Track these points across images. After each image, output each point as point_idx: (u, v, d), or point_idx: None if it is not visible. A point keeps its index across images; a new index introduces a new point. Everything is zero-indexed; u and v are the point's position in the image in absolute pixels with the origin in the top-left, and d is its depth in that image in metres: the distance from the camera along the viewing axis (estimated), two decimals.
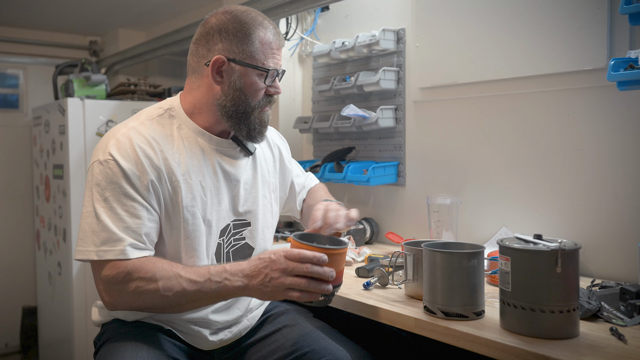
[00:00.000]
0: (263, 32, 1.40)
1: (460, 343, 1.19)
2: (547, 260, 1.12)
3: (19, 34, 3.95)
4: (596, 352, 1.06)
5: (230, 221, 1.47)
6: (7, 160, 3.96)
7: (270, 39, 1.41)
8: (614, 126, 1.63)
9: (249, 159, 1.53)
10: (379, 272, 1.57)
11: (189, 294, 1.26)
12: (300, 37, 2.67)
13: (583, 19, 1.66)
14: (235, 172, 1.48)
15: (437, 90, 2.11)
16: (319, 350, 1.38)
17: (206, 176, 1.43)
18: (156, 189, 1.35)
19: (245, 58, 1.40)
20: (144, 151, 1.35)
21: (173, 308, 1.31)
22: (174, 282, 1.26)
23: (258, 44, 1.39)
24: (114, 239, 1.29)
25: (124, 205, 1.32)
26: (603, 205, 1.65)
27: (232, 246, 1.48)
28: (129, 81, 3.38)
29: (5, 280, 3.88)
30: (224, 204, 1.45)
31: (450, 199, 1.91)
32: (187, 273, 1.27)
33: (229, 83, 1.41)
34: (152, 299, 1.27)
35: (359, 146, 2.43)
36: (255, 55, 1.40)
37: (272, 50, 1.41)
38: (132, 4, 3.41)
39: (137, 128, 1.39)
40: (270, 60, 1.41)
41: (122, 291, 1.28)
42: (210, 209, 1.42)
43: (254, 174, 1.53)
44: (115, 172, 1.32)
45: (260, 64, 1.40)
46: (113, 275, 1.28)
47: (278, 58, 1.43)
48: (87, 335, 3.01)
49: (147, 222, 1.33)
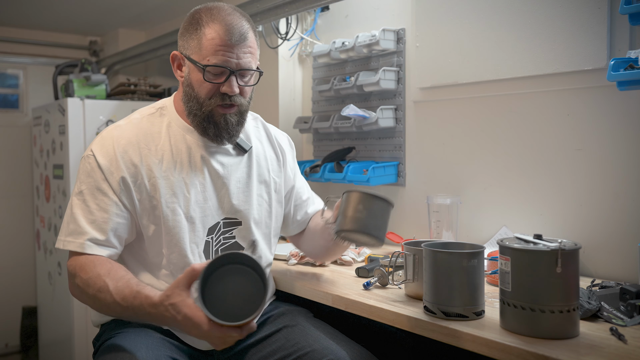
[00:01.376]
0: (213, 27, 1.37)
1: (460, 343, 1.19)
2: (547, 260, 1.12)
3: (19, 34, 3.95)
4: (596, 352, 1.06)
5: (220, 219, 1.47)
6: (7, 160, 3.96)
7: (218, 35, 1.36)
8: (614, 126, 1.63)
9: (243, 157, 1.52)
10: (379, 272, 1.57)
11: (113, 311, 1.31)
12: (300, 37, 2.67)
13: (583, 19, 1.66)
14: (225, 170, 1.47)
15: (437, 90, 2.11)
16: (319, 350, 1.38)
17: (190, 173, 1.44)
18: (127, 186, 1.39)
19: (192, 53, 1.40)
20: (123, 148, 1.40)
21: (102, 313, 1.37)
22: (102, 296, 1.29)
23: (203, 39, 1.38)
24: (78, 232, 1.37)
25: (96, 199, 1.38)
26: (603, 205, 1.65)
27: (222, 244, 1.48)
28: (129, 81, 3.38)
29: (5, 280, 3.88)
30: (211, 201, 1.46)
31: (450, 199, 1.91)
32: (115, 292, 1.27)
33: (185, 78, 1.44)
34: (87, 300, 1.34)
35: (359, 146, 2.43)
36: (198, 50, 1.38)
37: (216, 47, 1.36)
38: (132, 4, 3.41)
39: (124, 127, 1.45)
40: (214, 56, 1.36)
41: (72, 284, 1.37)
42: (193, 205, 1.43)
43: (249, 172, 1.52)
44: (93, 167, 1.40)
45: (202, 59, 1.37)
46: (69, 267, 1.37)
47: (229, 55, 1.37)
48: (87, 335, 3.01)
49: (115, 218, 1.38)
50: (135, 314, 1.26)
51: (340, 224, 1.37)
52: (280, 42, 2.65)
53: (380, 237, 1.36)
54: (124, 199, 1.39)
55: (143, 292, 1.23)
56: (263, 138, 1.62)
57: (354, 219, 1.34)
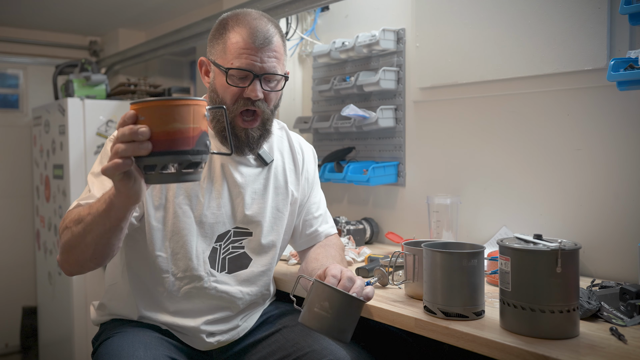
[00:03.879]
0: (238, 31, 1.37)
1: (460, 343, 1.19)
2: (547, 260, 1.12)
3: (19, 34, 3.95)
4: (596, 352, 1.06)
5: (231, 227, 1.46)
6: (7, 160, 3.96)
7: (242, 38, 1.36)
8: (614, 126, 1.63)
9: (263, 168, 1.50)
10: (379, 272, 1.56)
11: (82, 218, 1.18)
12: (300, 37, 2.67)
13: (583, 19, 1.66)
14: (243, 180, 1.46)
15: (437, 90, 2.11)
16: (319, 351, 1.38)
17: (207, 179, 1.43)
18: None
19: (217, 58, 1.41)
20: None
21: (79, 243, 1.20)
22: (74, 212, 1.23)
23: (228, 42, 1.38)
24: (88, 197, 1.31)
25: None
26: (603, 205, 1.65)
27: (230, 253, 1.47)
28: (129, 81, 3.38)
29: (5, 280, 3.88)
30: (225, 209, 1.45)
31: (450, 199, 1.91)
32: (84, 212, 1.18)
33: (210, 84, 1.45)
34: (65, 235, 1.23)
35: (359, 146, 2.43)
36: (223, 54, 1.39)
37: (240, 50, 1.36)
38: (132, 4, 3.41)
39: None
40: (238, 60, 1.36)
41: (60, 241, 1.27)
42: (206, 210, 1.42)
43: (266, 184, 1.50)
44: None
45: (226, 63, 1.37)
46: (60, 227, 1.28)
47: (253, 59, 1.36)
48: (87, 335, 3.01)
49: None
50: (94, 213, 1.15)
51: (304, 317, 1.26)
52: None
53: (344, 339, 1.24)
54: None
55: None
56: (285, 149, 1.58)
57: (318, 317, 1.23)
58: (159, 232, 1.40)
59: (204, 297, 1.43)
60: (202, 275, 1.42)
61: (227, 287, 1.45)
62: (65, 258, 1.26)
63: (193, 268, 1.41)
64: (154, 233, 1.40)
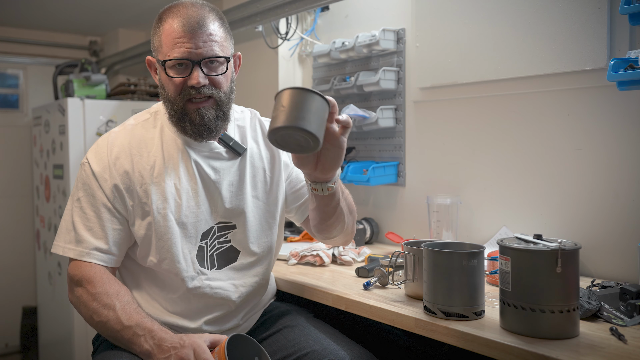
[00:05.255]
0: (170, 22, 1.35)
1: (460, 343, 1.19)
2: (547, 260, 1.12)
3: (19, 34, 3.95)
4: (596, 352, 1.06)
5: (214, 224, 1.46)
6: (7, 160, 3.96)
7: (173, 28, 1.33)
8: (614, 126, 1.63)
9: (237, 159, 1.48)
10: (379, 272, 1.57)
11: (109, 330, 1.32)
12: (300, 37, 2.67)
13: (583, 19, 1.66)
14: (217, 175, 1.45)
15: (437, 90, 2.11)
16: (320, 351, 1.38)
17: (182, 178, 1.42)
18: (120, 193, 1.40)
19: (157, 53, 1.40)
20: (115, 156, 1.41)
21: (95, 328, 1.37)
22: (105, 312, 1.32)
23: (162, 36, 1.36)
24: (78, 240, 1.39)
25: (93, 207, 1.40)
26: (603, 205, 1.65)
27: (217, 249, 1.47)
28: (129, 81, 3.38)
29: (5, 280, 3.88)
30: (204, 206, 1.44)
31: (450, 199, 1.91)
32: (122, 311, 1.31)
33: (159, 81, 1.45)
34: (85, 312, 1.36)
35: (359, 146, 2.43)
36: (160, 48, 1.37)
37: (174, 40, 1.33)
38: (132, 4, 3.42)
39: (118, 134, 1.46)
40: (172, 50, 1.33)
41: (72, 291, 1.39)
42: (185, 211, 1.42)
43: (241, 175, 1.48)
44: (88, 175, 1.42)
45: (164, 56, 1.35)
46: (72, 274, 1.39)
47: (187, 46, 1.32)
48: (87, 335, 3.01)
49: (112, 224, 1.40)
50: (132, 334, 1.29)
51: (271, 125, 1.17)
52: (280, 42, 2.65)
53: (317, 134, 1.15)
54: (117, 206, 1.40)
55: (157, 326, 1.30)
56: (259, 137, 1.56)
57: (285, 113, 1.14)
58: (146, 239, 1.41)
59: (200, 296, 1.43)
60: (193, 275, 1.42)
61: (220, 282, 1.45)
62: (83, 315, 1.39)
63: (182, 270, 1.41)
64: (142, 242, 1.42)
